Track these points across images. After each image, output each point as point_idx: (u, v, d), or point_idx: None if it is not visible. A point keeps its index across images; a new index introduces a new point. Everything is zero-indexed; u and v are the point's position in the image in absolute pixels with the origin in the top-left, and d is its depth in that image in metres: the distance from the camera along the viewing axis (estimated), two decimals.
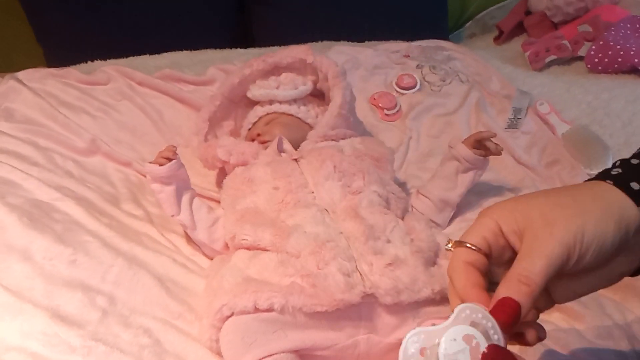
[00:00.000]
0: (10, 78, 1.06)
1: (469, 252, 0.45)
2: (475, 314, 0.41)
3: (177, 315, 0.69)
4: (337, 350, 0.64)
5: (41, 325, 0.62)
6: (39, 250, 0.71)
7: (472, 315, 0.41)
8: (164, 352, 0.63)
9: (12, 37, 1.37)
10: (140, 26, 1.33)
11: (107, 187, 0.90)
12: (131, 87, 1.10)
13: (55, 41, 1.33)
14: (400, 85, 1.20)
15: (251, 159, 0.86)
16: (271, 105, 0.95)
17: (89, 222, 0.78)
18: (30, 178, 0.82)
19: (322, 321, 0.63)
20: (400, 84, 1.20)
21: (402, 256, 0.67)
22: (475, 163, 0.86)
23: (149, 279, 0.72)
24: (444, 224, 0.89)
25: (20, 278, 0.67)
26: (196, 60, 1.24)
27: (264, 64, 0.98)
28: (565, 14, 1.52)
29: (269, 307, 0.62)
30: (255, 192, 0.79)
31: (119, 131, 1.02)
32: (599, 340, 0.68)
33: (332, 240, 0.67)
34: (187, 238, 0.83)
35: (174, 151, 0.79)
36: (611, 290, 0.76)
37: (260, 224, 0.73)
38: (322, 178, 0.78)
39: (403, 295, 0.63)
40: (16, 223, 0.73)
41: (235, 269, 0.69)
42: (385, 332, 0.65)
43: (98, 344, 0.61)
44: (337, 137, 0.89)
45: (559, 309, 0.72)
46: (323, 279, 0.63)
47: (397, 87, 1.20)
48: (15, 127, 0.95)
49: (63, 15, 1.30)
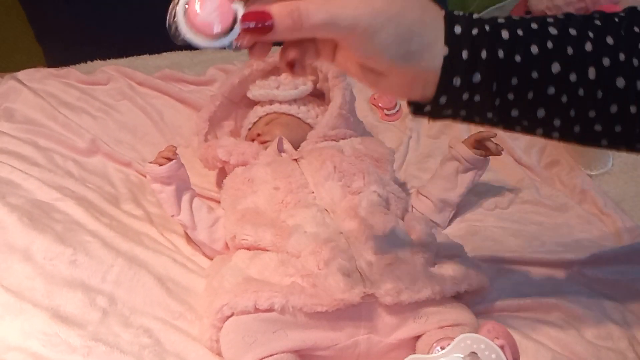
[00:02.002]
0: (10, 78, 1.06)
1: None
2: (477, 344, 0.40)
3: (178, 315, 0.69)
4: (338, 350, 0.64)
5: (41, 325, 0.62)
6: (40, 250, 0.71)
7: (472, 346, 0.40)
8: (164, 352, 0.63)
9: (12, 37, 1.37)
10: (140, 26, 1.33)
11: (107, 187, 0.90)
12: (131, 87, 1.10)
13: (55, 41, 1.33)
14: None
15: (251, 159, 0.86)
16: (271, 105, 0.95)
17: (89, 222, 0.78)
18: (31, 178, 0.82)
19: (323, 321, 0.63)
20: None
21: (402, 256, 0.67)
22: (476, 163, 0.86)
23: (149, 279, 0.72)
24: (443, 224, 0.89)
25: (21, 278, 0.67)
26: (196, 60, 1.24)
27: (264, 64, 0.98)
28: None
29: (269, 307, 0.62)
30: (256, 192, 0.79)
31: (120, 131, 1.02)
32: (599, 340, 0.68)
33: (332, 240, 0.68)
34: (187, 238, 0.84)
35: (174, 151, 0.79)
36: (611, 291, 0.76)
37: (260, 224, 0.73)
38: (322, 178, 0.78)
39: (403, 295, 0.63)
40: (16, 223, 0.73)
41: (235, 269, 0.69)
42: (386, 332, 0.65)
43: (98, 344, 0.61)
44: (337, 137, 0.89)
45: (559, 309, 0.72)
46: (323, 278, 0.63)
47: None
48: (15, 127, 0.95)
49: (63, 15, 1.30)
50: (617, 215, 0.89)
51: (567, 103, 0.44)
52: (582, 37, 0.44)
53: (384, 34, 0.41)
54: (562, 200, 0.94)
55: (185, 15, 0.40)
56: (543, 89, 0.44)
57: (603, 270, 0.79)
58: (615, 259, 0.79)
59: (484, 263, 0.75)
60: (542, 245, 0.84)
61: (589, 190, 0.94)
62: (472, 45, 0.43)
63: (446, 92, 0.43)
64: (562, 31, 0.44)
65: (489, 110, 0.45)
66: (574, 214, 0.92)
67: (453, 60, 0.42)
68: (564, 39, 0.44)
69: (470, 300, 0.71)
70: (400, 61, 0.42)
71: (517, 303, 0.74)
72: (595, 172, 0.99)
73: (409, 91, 0.45)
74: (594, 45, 0.44)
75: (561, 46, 0.44)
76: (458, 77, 0.43)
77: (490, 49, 0.43)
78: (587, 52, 0.44)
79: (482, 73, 0.43)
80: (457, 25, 0.43)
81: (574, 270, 0.79)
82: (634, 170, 0.98)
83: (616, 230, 0.87)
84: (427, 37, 0.42)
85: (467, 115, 0.46)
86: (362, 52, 0.42)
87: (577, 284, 0.78)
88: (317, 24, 0.40)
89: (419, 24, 0.42)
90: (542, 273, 0.80)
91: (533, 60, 0.43)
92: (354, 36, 0.41)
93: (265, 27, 0.40)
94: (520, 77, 0.43)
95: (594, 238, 0.86)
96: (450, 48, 0.42)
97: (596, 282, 0.78)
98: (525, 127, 0.47)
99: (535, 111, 0.45)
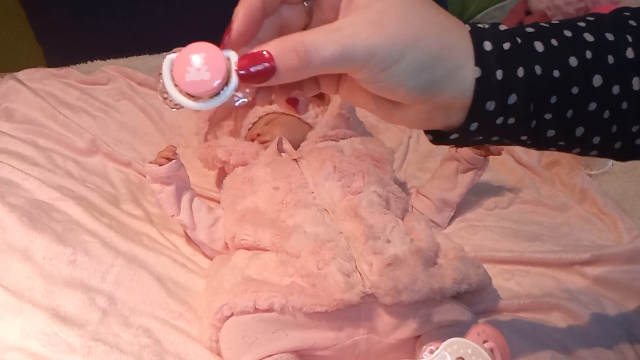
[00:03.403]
0: (10, 78, 1.06)
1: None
2: (464, 349, 0.39)
3: (177, 315, 0.69)
4: (337, 350, 0.64)
5: (41, 325, 0.62)
6: (39, 250, 0.71)
7: (459, 351, 0.39)
8: (164, 352, 0.63)
9: (12, 37, 1.37)
10: (140, 26, 1.33)
11: (107, 187, 0.91)
12: (131, 87, 1.11)
13: (55, 41, 1.33)
14: None
15: (251, 159, 0.86)
16: (271, 105, 0.95)
17: (89, 222, 0.78)
18: (31, 178, 0.82)
19: (322, 321, 0.63)
20: None
21: (402, 256, 0.67)
22: (475, 163, 0.86)
23: (149, 279, 0.72)
24: (443, 224, 0.89)
25: (21, 278, 0.67)
26: None
27: None
28: (566, 14, 1.52)
29: (269, 307, 0.62)
30: (256, 192, 0.79)
31: (119, 131, 1.02)
32: (599, 340, 0.68)
33: (332, 240, 0.68)
34: (187, 238, 0.84)
35: (174, 151, 0.79)
36: (611, 291, 0.76)
37: (260, 224, 0.73)
38: (322, 178, 0.78)
39: (403, 295, 0.63)
40: (16, 223, 0.73)
41: (235, 269, 0.69)
42: (385, 332, 0.65)
43: (98, 344, 0.61)
44: (337, 137, 0.89)
45: (559, 309, 0.72)
46: (323, 278, 0.63)
47: None
48: (15, 127, 0.95)
49: (63, 15, 1.30)
50: (617, 215, 0.89)
51: (608, 118, 0.40)
52: (620, 43, 0.39)
53: (403, 63, 0.35)
54: (562, 200, 0.94)
55: (173, 77, 0.34)
56: (583, 106, 0.39)
57: (603, 270, 0.79)
58: (615, 258, 0.79)
59: (484, 263, 0.75)
60: (542, 245, 0.84)
61: (589, 190, 0.94)
62: (507, 63, 0.37)
63: (478, 118, 0.38)
64: (598, 37, 0.39)
65: (524, 133, 0.40)
66: (574, 214, 0.92)
67: (486, 83, 0.37)
68: (603, 46, 0.39)
69: (470, 300, 0.71)
70: (422, 91, 0.37)
71: (517, 303, 0.74)
72: (595, 172, 0.99)
73: (430, 121, 0.39)
74: (635, 50, 0.39)
75: (601, 55, 0.39)
76: (492, 100, 0.37)
77: (526, 65, 0.38)
78: (629, 59, 0.39)
79: (519, 93, 0.38)
80: (486, 41, 0.38)
81: (574, 270, 0.79)
82: (634, 170, 0.98)
83: (616, 230, 0.87)
84: (453, 61, 0.37)
85: (499, 139, 0.41)
86: (378, 84, 0.37)
87: (577, 284, 0.78)
88: (328, 59, 0.34)
89: (441, 47, 0.36)
90: (542, 273, 0.80)
91: (572, 73, 0.38)
92: (369, 68, 0.35)
93: (266, 70, 0.34)
94: (560, 95, 0.38)
95: (594, 238, 0.86)
96: (482, 69, 0.37)
97: (596, 282, 0.78)
98: (561, 147, 0.42)
99: (574, 130, 0.40)
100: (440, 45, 0.36)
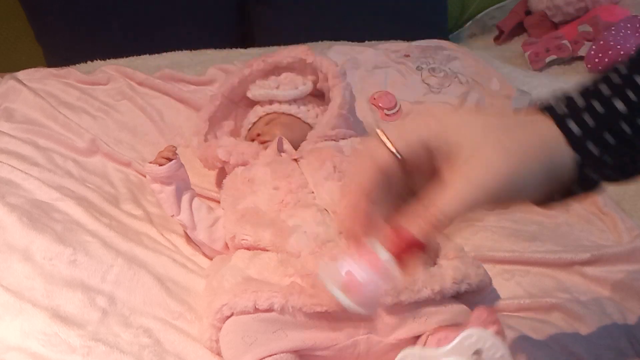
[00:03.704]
0: (10, 78, 1.06)
1: (387, 154, 0.41)
2: (483, 342, 0.40)
3: (177, 315, 0.69)
4: (337, 350, 0.64)
5: (41, 325, 0.62)
6: (39, 250, 0.71)
7: (478, 344, 0.40)
8: (164, 352, 0.63)
9: (12, 37, 1.37)
10: (140, 26, 1.33)
11: (107, 187, 0.91)
12: (131, 87, 1.10)
13: (55, 41, 1.33)
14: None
15: (251, 159, 0.86)
16: (271, 105, 0.95)
17: (89, 222, 0.78)
18: (31, 178, 0.82)
19: (322, 321, 0.63)
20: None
21: None
22: None
23: (149, 279, 0.72)
24: None
25: (21, 278, 0.67)
26: (196, 60, 1.24)
27: (264, 64, 0.98)
28: (565, 14, 1.52)
29: (269, 307, 0.62)
30: (256, 192, 0.79)
31: (119, 131, 1.02)
32: (599, 340, 0.68)
33: (332, 240, 0.67)
34: (187, 238, 0.83)
35: (174, 151, 0.79)
36: (611, 291, 0.76)
37: (260, 224, 0.73)
38: (322, 178, 0.78)
39: (403, 296, 0.63)
40: (16, 223, 0.73)
41: (235, 269, 0.69)
42: (385, 332, 0.65)
43: (98, 344, 0.61)
44: (337, 137, 0.89)
45: (559, 309, 0.72)
46: None
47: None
48: (15, 127, 0.95)
49: (63, 15, 1.30)
50: (617, 215, 0.89)
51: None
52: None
53: (523, 194, 0.41)
54: None
55: (345, 290, 0.37)
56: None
57: (603, 270, 0.79)
58: (615, 258, 0.79)
59: (484, 263, 0.75)
60: (542, 245, 0.84)
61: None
62: (598, 137, 0.40)
63: (581, 189, 0.43)
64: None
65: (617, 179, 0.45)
66: (574, 214, 0.92)
67: (585, 164, 0.41)
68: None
69: (470, 300, 0.70)
70: (541, 197, 0.43)
71: (517, 303, 0.74)
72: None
73: (537, 203, 0.46)
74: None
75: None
76: (594, 173, 0.42)
77: (613, 130, 0.41)
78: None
79: (611, 158, 0.41)
80: (569, 120, 0.41)
81: (574, 270, 0.79)
82: None
83: (616, 230, 0.87)
84: (560, 169, 0.41)
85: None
86: (499, 206, 0.42)
87: (577, 284, 0.78)
88: (457, 214, 0.39)
89: (550, 165, 0.40)
90: (542, 273, 0.80)
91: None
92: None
93: (419, 249, 0.40)
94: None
95: (594, 238, 0.86)
96: (579, 153, 0.41)
97: (596, 282, 0.78)
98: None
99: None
100: (549, 163, 0.40)
